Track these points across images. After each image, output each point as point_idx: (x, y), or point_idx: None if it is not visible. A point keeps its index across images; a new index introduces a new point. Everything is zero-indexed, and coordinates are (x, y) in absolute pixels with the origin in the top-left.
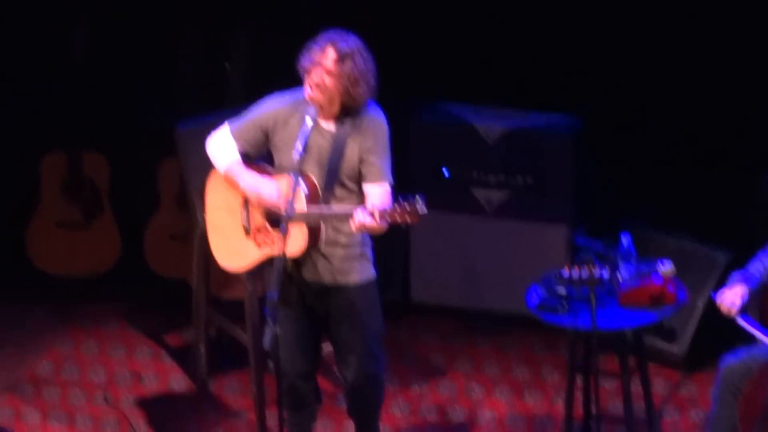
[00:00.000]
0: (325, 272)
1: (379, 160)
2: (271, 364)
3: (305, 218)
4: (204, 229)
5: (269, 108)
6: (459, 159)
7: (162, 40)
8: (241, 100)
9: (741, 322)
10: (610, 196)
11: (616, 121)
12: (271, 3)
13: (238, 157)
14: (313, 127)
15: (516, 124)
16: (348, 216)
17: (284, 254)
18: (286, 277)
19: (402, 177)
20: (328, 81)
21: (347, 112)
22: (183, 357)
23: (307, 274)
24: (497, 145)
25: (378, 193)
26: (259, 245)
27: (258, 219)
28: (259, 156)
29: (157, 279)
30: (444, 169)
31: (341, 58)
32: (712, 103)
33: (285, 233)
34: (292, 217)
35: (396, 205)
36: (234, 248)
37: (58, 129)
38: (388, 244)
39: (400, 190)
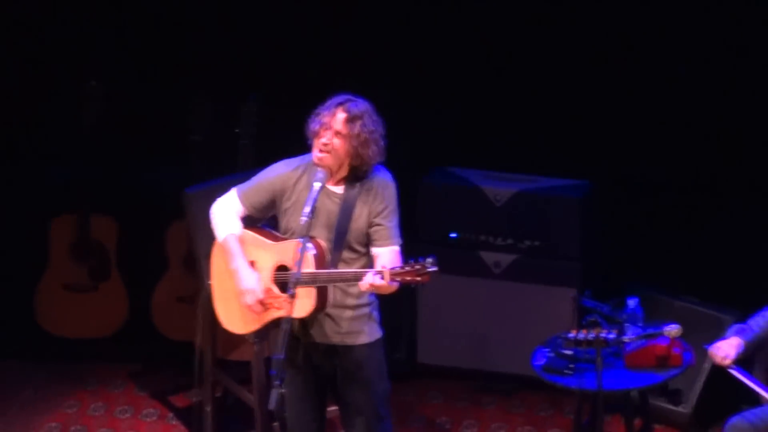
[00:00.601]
0: (332, 333)
1: (389, 222)
2: (277, 426)
3: (314, 281)
4: (210, 292)
5: (277, 172)
6: (467, 222)
7: (173, 105)
8: (251, 165)
9: (734, 373)
10: (617, 258)
11: (623, 185)
12: (280, 70)
13: (237, 230)
14: (321, 190)
15: (524, 188)
16: (358, 278)
17: (291, 317)
18: (293, 339)
19: (411, 239)
20: (338, 142)
21: (356, 174)
22: (189, 418)
23: (315, 335)
24: (505, 208)
25: (387, 255)
26: (266, 308)
27: (265, 281)
28: (265, 220)
29: (164, 341)
30: (452, 233)
31: (351, 119)
32: (721, 164)
33: (293, 296)
34: (300, 280)
35: (406, 265)
36: (240, 311)
37: (67, 192)
38: (396, 306)
39: (408, 253)
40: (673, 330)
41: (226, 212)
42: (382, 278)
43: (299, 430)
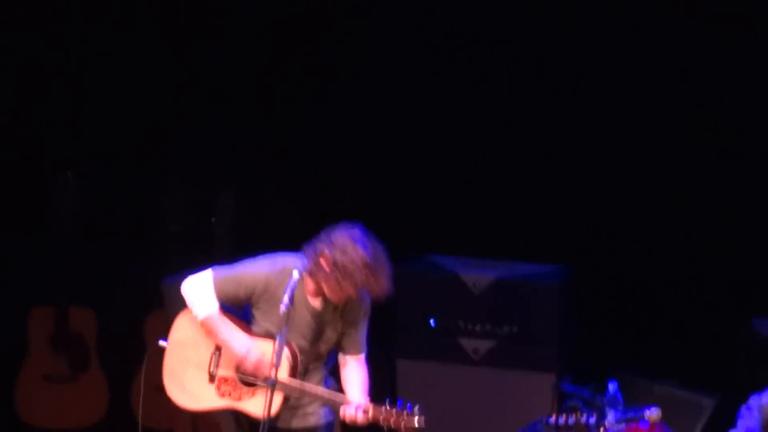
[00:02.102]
0: (289, 418)
1: (359, 332)
2: None
3: (285, 389)
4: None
5: (259, 271)
6: (446, 309)
7: (148, 196)
8: (227, 254)
9: None
10: (596, 343)
11: (603, 271)
12: (255, 161)
13: (217, 307)
14: (298, 281)
15: (502, 275)
16: (336, 402)
17: (266, 418)
18: (249, 428)
19: (390, 326)
20: (342, 298)
21: None
22: None
23: (277, 421)
24: (484, 295)
25: (353, 364)
26: (221, 395)
27: (228, 370)
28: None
29: (145, 430)
30: (431, 319)
31: (370, 302)
32: (699, 250)
33: (270, 397)
34: (274, 385)
35: (394, 411)
36: (190, 387)
37: (45, 283)
38: (376, 394)
39: (387, 340)
40: (653, 414)
41: (203, 289)
42: (365, 414)
43: None
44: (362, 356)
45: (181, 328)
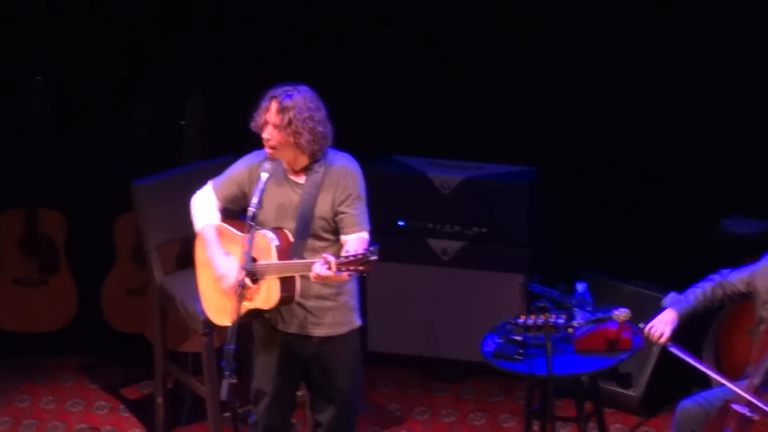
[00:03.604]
0: (309, 325)
1: (353, 210)
2: (228, 416)
3: (270, 271)
4: (162, 284)
5: (243, 165)
6: (415, 210)
7: (118, 99)
8: (197, 157)
9: (673, 350)
10: (565, 243)
11: (571, 171)
12: (226, 62)
13: (214, 220)
14: (267, 181)
15: (471, 175)
16: (307, 268)
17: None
18: (270, 327)
19: None
20: (275, 134)
21: (313, 163)
22: (141, 410)
23: (293, 326)
24: (453, 196)
25: (354, 242)
26: (240, 300)
27: (240, 275)
28: (241, 211)
29: (114, 333)
30: (400, 220)
31: (281, 110)
32: (668, 150)
33: (243, 286)
34: (248, 270)
35: (350, 255)
36: (220, 304)
37: (15, 186)
38: None
39: None
40: (622, 314)
41: (203, 204)
42: (329, 268)
43: (267, 421)
44: (361, 234)
45: (197, 250)
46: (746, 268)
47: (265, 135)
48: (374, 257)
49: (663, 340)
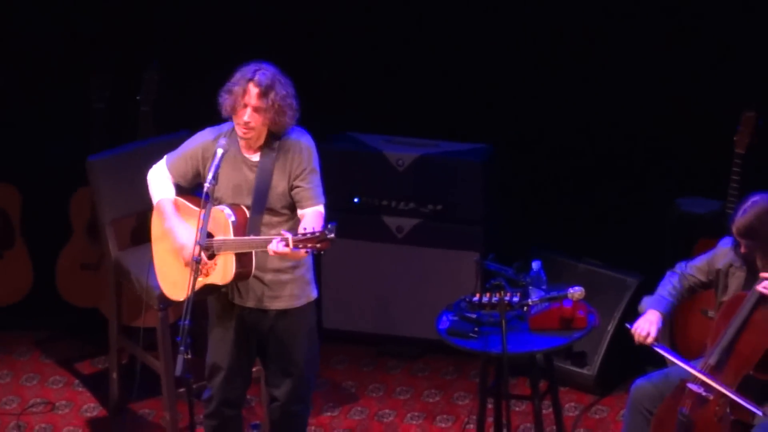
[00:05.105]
0: (265, 298)
1: (308, 184)
2: (183, 392)
3: (226, 247)
4: (117, 259)
5: (197, 142)
6: (370, 187)
7: (73, 73)
8: (151, 133)
9: (658, 350)
10: (520, 222)
11: (527, 149)
12: (181, 37)
13: (170, 194)
14: (223, 156)
15: (426, 152)
16: (265, 244)
17: (188, 296)
18: (226, 302)
19: None
20: (257, 117)
21: (270, 140)
22: (96, 385)
23: (248, 299)
24: (407, 173)
25: (310, 216)
26: (195, 275)
27: (195, 250)
28: (194, 188)
29: (69, 308)
30: (355, 197)
31: (264, 92)
32: (623, 130)
33: (198, 262)
34: (204, 246)
35: (308, 233)
36: (175, 278)
37: None
38: None
39: None
40: (576, 292)
41: (158, 178)
42: (286, 245)
43: (222, 395)
44: (317, 208)
45: (154, 223)
46: (700, 257)
47: (245, 118)
48: (331, 235)
49: (650, 340)
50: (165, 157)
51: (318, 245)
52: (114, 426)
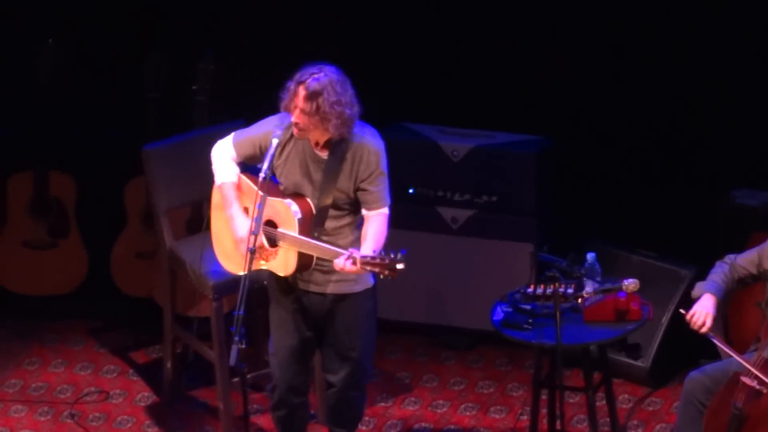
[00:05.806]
0: (325, 282)
1: (375, 187)
2: (237, 381)
3: (290, 242)
4: (171, 248)
5: (267, 127)
6: (424, 178)
7: (129, 62)
8: (207, 122)
9: (713, 340)
10: (575, 213)
11: (582, 140)
12: (236, 27)
13: (234, 176)
14: (276, 147)
15: (481, 143)
16: (332, 256)
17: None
18: (286, 287)
19: None
20: (304, 119)
21: (339, 140)
22: (150, 374)
23: (308, 283)
24: (462, 164)
25: (374, 218)
26: (256, 258)
27: (251, 239)
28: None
29: (124, 297)
30: (410, 188)
31: (310, 96)
32: (679, 121)
33: (253, 252)
34: (256, 234)
35: (378, 257)
36: (232, 254)
37: (25, 149)
38: None
39: None
40: (631, 284)
41: (223, 157)
42: (353, 264)
43: (285, 383)
44: (382, 211)
45: (215, 193)
46: (751, 250)
47: (293, 119)
48: (401, 266)
49: (705, 329)
50: (232, 134)
51: (386, 272)
52: (168, 415)
